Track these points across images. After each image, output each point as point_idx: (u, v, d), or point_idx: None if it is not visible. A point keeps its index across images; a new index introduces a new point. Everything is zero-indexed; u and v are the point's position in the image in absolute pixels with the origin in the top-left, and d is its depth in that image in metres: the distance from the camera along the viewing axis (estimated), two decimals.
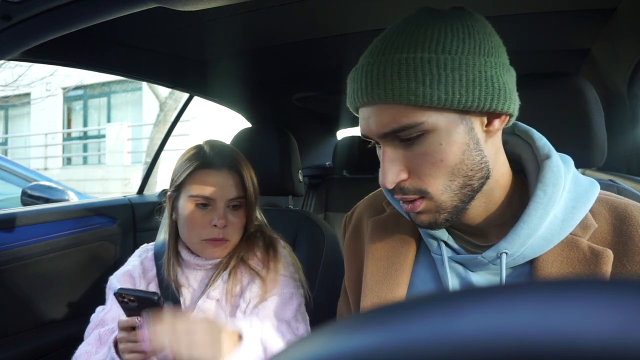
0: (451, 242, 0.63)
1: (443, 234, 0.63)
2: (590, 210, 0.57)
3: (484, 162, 0.55)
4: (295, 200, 2.08)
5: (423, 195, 0.55)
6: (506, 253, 0.56)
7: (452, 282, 0.61)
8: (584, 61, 1.37)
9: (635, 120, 1.23)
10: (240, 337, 0.81)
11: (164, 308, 0.77)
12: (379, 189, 0.73)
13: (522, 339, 0.13)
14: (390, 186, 0.55)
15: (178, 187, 0.98)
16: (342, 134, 2.55)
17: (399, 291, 0.64)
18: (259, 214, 1.07)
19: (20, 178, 2.66)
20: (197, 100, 1.82)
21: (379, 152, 0.59)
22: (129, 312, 0.79)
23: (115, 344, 0.83)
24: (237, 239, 0.99)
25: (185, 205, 0.95)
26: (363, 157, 2.07)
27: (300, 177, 1.38)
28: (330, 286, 1.23)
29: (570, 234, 0.56)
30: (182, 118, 1.92)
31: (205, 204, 0.94)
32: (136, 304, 0.77)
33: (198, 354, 0.71)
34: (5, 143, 12.62)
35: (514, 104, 0.56)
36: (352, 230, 0.76)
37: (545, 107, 0.82)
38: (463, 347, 0.14)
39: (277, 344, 0.84)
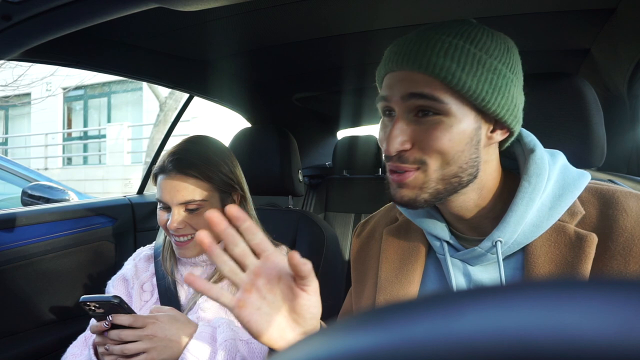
0: (453, 241, 0.67)
1: (445, 234, 0.67)
2: (580, 199, 0.61)
3: (477, 161, 0.60)
4: (295, 200, 2.08)
5: (420, 166, 0.59)
6: (500, 241, 0.60)
7: (456, 279, 0.66)
8: (584, 61, 1.37)
9: (635, 120, 1.23)
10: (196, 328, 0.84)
11: (127, 309, 0.80)
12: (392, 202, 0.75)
13: (518, 339, 0.13)
14: (393, 152, 0.59)
15: None
16: (342, 134, 2.55)
17: (411, 289, 0.69)
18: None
19: (21, 178, 2.66)
20: (197, 100, 1.82)
21: (386, 122, 0.62)
22: (98, 318, 0.81)
23: (95, 346, 0.86)
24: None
25: (158, 207, 0.99)
26: (363, 157, 2.07)
27: (300, 177, 1.38)
28: (330, 285, 1.23)
29: (559, 220, 0.60)
30: (182, 118, 1.92)
31: (165, 207, 0.96)
32: (102, 310, 0.79)
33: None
34: (5, 143, 12.63)
35: (518, 125, 0.61)
36: (365, 239, 0.81)
37: (545, 107, 0.82)
38: (461, 347, 0.14)
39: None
